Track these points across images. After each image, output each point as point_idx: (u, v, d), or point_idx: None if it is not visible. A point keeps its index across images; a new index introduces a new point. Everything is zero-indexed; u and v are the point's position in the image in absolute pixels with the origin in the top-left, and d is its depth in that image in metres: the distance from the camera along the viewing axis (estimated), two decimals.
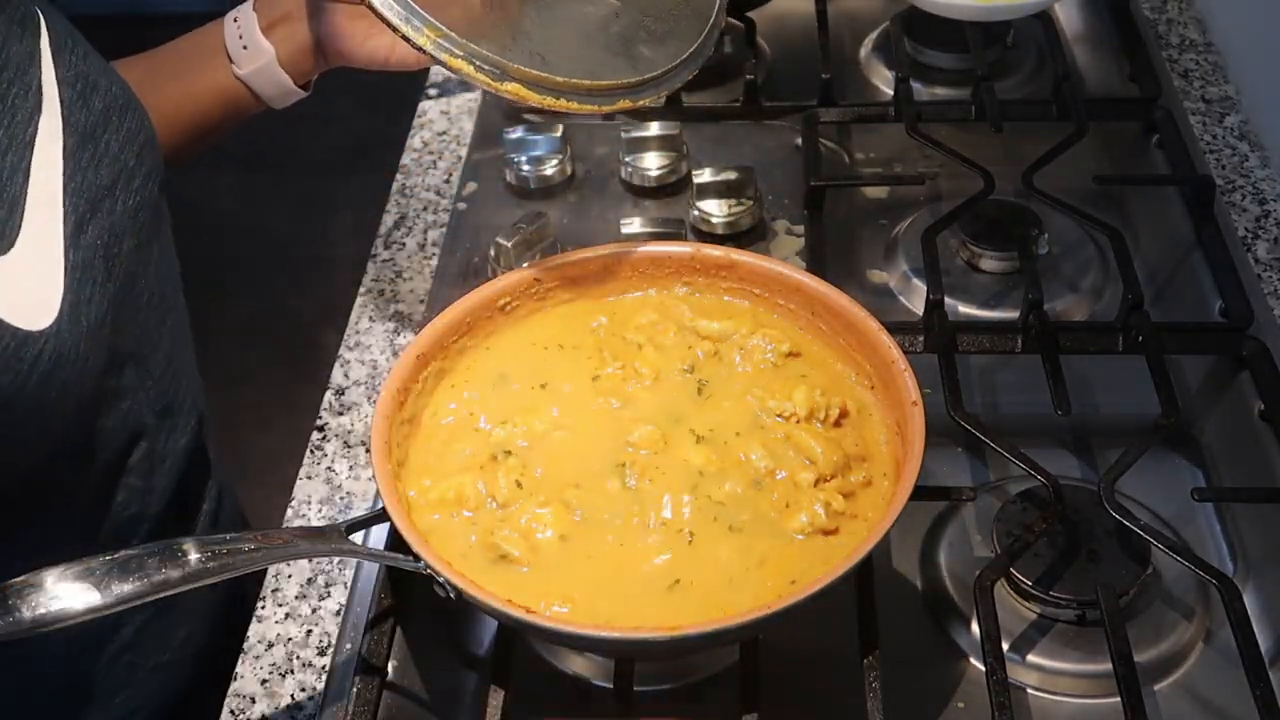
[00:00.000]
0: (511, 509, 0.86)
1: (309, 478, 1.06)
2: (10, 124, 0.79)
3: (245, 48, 1.02)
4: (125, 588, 0.71)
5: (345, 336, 1.18)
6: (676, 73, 0.96)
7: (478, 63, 0.85)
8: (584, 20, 0.95)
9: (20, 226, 0.78)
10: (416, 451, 0.90)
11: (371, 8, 0.83)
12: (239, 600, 1.05)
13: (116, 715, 0.95)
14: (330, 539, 0.83)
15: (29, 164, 0.80)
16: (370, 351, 1.16)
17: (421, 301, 1.20)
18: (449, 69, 0.86)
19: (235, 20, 1.02)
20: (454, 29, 0.85)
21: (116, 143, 0.87)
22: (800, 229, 1.23)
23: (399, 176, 1.35)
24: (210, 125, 1.04)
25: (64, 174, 0.82)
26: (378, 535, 0.96)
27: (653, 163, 1.28)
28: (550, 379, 0.95)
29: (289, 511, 1.04)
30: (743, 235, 1.22)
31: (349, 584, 0.98)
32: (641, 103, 0.94)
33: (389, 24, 0.84)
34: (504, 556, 0.83)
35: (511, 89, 0.87)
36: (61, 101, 0.84)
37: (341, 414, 1.11)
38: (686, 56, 0.97)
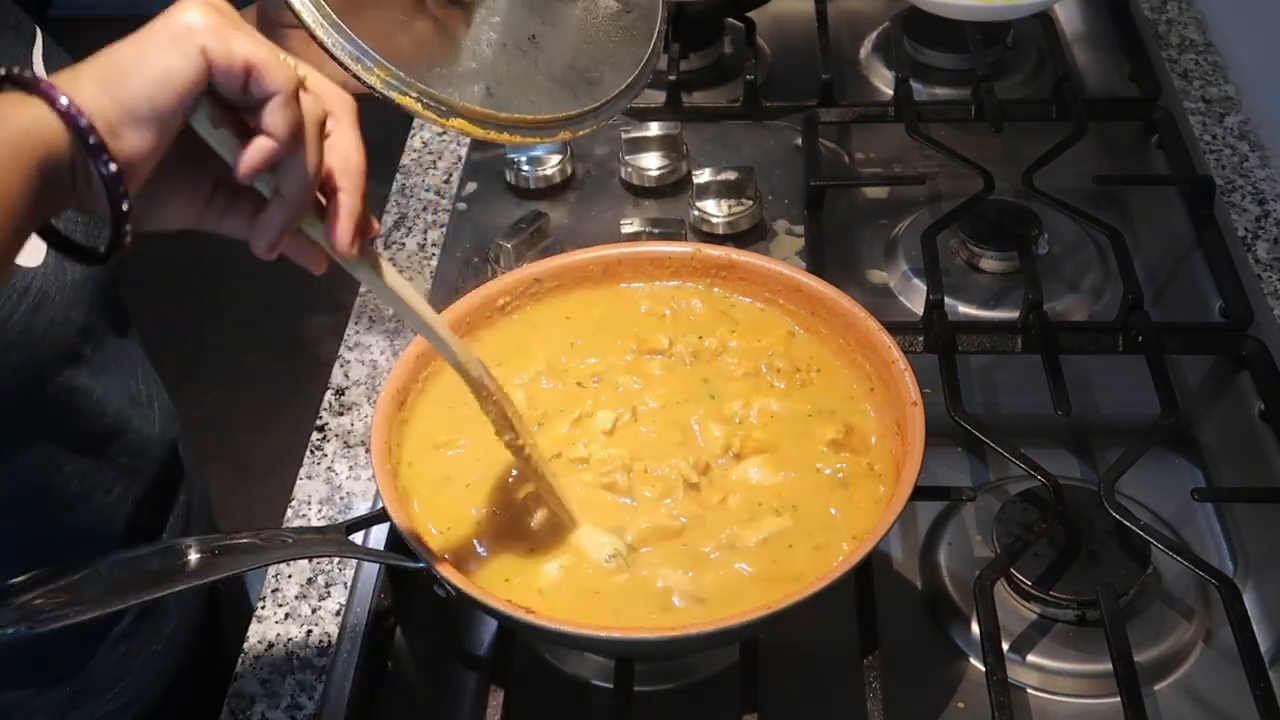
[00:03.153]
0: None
1: (309, 478, 1.06)
2: None
3: None
4: (125, 587, 0.71)
5: (345, 336, 1.18)
6: (615, 102, 0.98)
7: (425, 100, 0.88)
8: (529, 49, 0.97)
9: None
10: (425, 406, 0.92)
11: (324, 48, 0.86)
12: (222, 586, 1.06)
13: (114, 707, 0.96)
14: (330, 539, 0.83)
15: None
16: (370, 351, 1.16)
17: None
18: (396, 104, 0.88)
19: None
20: (403, 63, 0.87)
21: None
22: (800, 229, 1.23)
23: (399, 176, 1.35)
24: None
25: None
26: (378, 535, 0.96)
27: (653, 163, 1.28)
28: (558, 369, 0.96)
29: (289, 511, 1.04)
30: (743, 235, 1.22)
31: (349, 584, 0.98)
32: (581, 133, 0.96)
33: (340, 63, 0.86)
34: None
35: (457, 124, 0.90)
36: None
37: (341, 414, 1.11)
38: (625, 86, 0.99)
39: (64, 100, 0.56)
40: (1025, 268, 1.13)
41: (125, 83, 0.57)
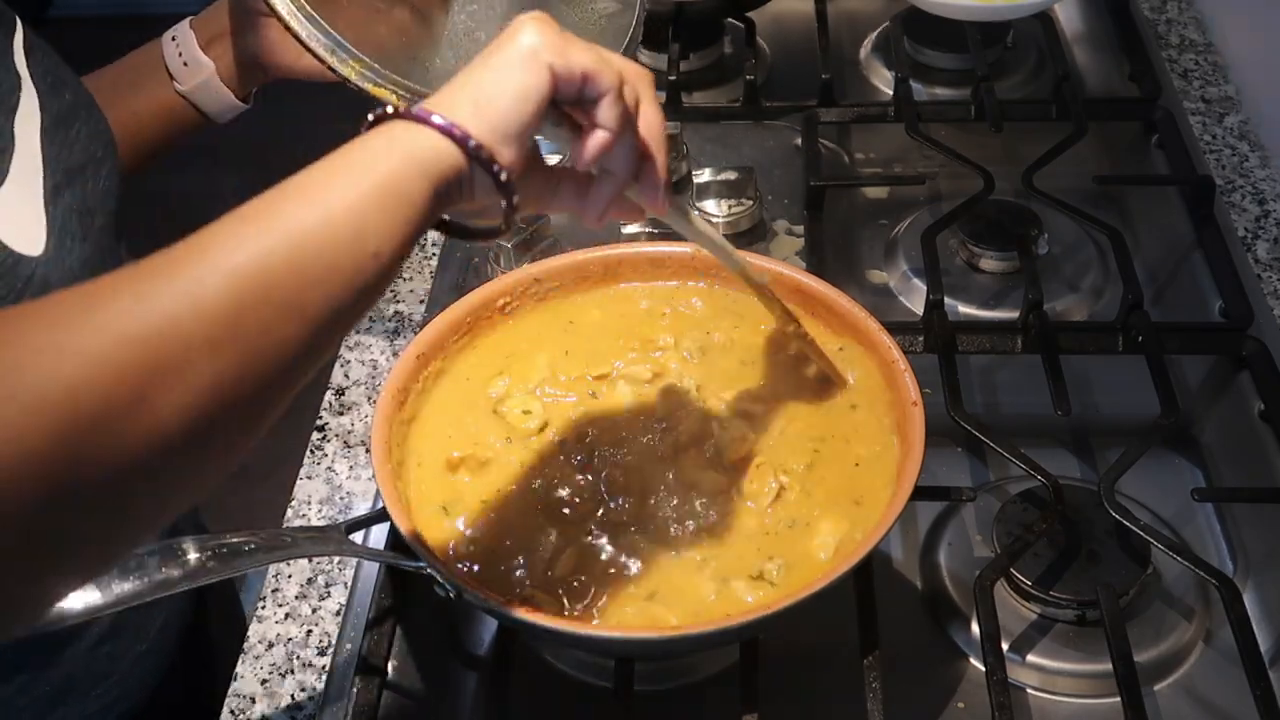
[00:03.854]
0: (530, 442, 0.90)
1: (309, 478, 1.06)
2: None
3: (185, 64, 1.04)
4: (125, 587, 0.71)
5: (345, 337, 1.18)
6: None
7: (401, 92, 0.88)
8: None
9: (9, 169, 0.81)
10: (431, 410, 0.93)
11: (298, 39, 0.86)
12: (211, 586, 1.07)
13: (99, 705, 0.95)
14: (330, 539, 0.83)
15: (13, 126, 0.83)
16: (370, 351, 1.16)
17: (421, 301, 1.20)
18: (372, 96, 0.88)
19: (174, 39, 1.04)
20: (378, 54, 0.87)
21: (85, 133, 0.90)
22: (800, 229, 1.23)
23: None
24: (156, 141, 1.06)
25: (41, 146, 0.85)
26: (378, 535, 0.96)
27: None
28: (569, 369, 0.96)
29: (289, 511, 1.04)
30: (743, 235, 1.22)
31: (349, 584, 0.98)
32: None
33: (315, 54, 0.86)
34: None
35: None
36: (36, 88, 0.86)
37: (341, 414, 1.11)
38: None
39: (457, 130, 0.64)
40: (1025, 268, 1.13)
41: (493, 106, 0.65)
